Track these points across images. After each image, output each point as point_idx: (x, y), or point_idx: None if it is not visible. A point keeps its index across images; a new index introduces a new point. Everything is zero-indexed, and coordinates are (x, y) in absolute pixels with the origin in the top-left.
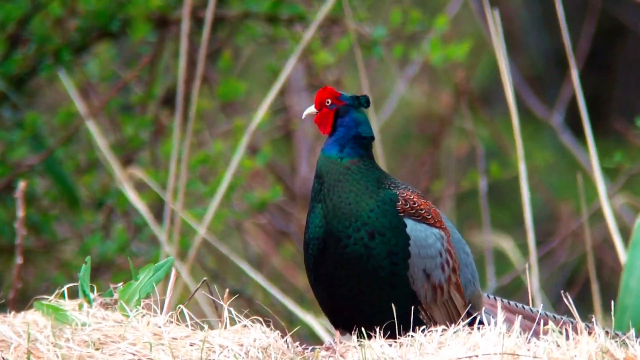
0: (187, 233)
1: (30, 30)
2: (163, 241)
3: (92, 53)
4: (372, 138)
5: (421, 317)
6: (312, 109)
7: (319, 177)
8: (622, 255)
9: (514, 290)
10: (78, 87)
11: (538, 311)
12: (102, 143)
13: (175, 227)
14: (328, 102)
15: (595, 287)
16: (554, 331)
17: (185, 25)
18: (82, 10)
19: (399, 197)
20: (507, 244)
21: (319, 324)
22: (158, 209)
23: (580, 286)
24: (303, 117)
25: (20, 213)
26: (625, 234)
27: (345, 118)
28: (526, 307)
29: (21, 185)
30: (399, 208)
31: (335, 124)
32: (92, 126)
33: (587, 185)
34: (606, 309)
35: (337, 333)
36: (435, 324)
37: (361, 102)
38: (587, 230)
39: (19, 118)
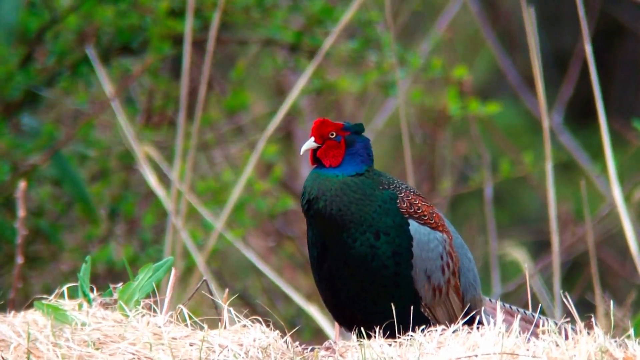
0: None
1: (51, 43)
2: (171, 210)
3: (111, 66)
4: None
5: (426, 314)
6: (313, 143)
7: (319, 197)
8: (637, 259)
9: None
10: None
11: (535, 315)
12: (125, 125)
13: (182, 208)
14: (333, 135)
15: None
16: (553, 331)
17: (189, 27)
18: (101, 25)
19: (404, 199)
20: (520, 255)
21: (324, 318)
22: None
23: (581, 287)
24: (302, 152)
25: (21, 213)
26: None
27: (355, 147)
28: (527, 311)
29: (22, 185)
30: (402, 208)
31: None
32: (115, 106)
33: (586, 186)
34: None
35: (337, 329)
36: (438, 322)
37: (362, 128)
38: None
39: (38, 125)
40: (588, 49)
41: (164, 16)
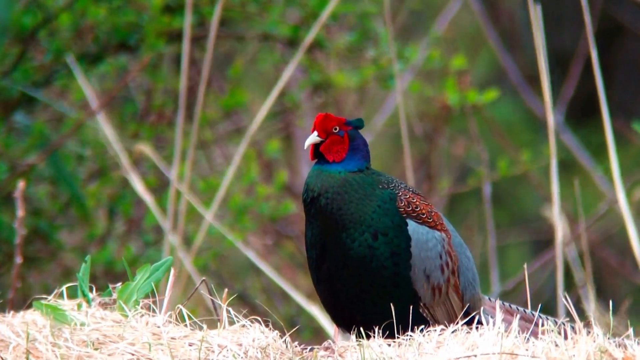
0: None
1: (47, 41)
2: (167, 229)
3: (107, 63)
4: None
5: (425, 315)
6: (316, 138)
7: (321, 194)
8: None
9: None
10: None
11: (535, 313)
12: (110, 133)
13: (180, 210)
14: (336, 129)
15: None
16: (552, 331)
17: (188, 28)
18: (97, 22)
19: (402, 198)
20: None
21: (325, 317)
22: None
23: (581, 287)
24: (306, 147)
25: (20, 212)
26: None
27: (356, 142)
28: (527, 310)
29: (20, 184)
30: (400, 208)
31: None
32: (100, 118)
33: (586, 185)
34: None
35: (336, 329)
36: (437, 323)
37: (362, 123)
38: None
39: (30, 124)
40: (594, 55)
41: (158, 12)
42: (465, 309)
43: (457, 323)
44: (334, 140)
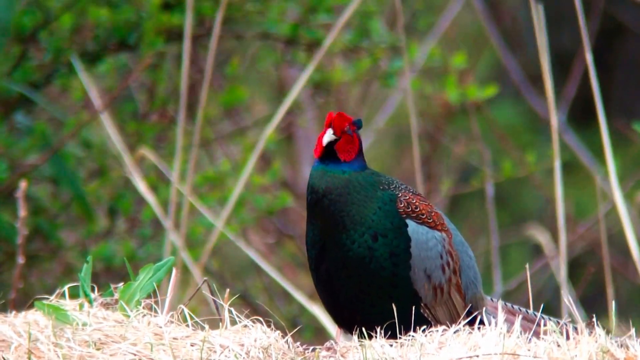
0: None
1: (47, 40)
2: (169, 228)
3: (107, 62)
4: None
5: (426, 315)
6: (332, 136)
7: (326, 195)
8: (637, 258)
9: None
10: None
11: (537, 314)
12: (113, 134)
13: (184, 215)
14: (347, 128)
15: (610, 290)
16: (554, 331)
17: (188, 27)
18: (95, 22)
19: (402, 199)
20: (542, 238)
21: (326, 317)
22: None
23: (582, 287)
24: (324, 144)
25: (22, 212)
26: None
27: (361, 142)
28: (529, 311)
29: (22, 185)
30: (400, 209)
31: None
32: (103, 118)
33: (587, 185)
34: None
35: (338, 331)
36: (439, 323)
37: (362, 124)
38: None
39: (31, 124)
40: (589, 58)
41: (156, 9)
42: (467, 309)
43: (459, 323)
44: (347, 140)
